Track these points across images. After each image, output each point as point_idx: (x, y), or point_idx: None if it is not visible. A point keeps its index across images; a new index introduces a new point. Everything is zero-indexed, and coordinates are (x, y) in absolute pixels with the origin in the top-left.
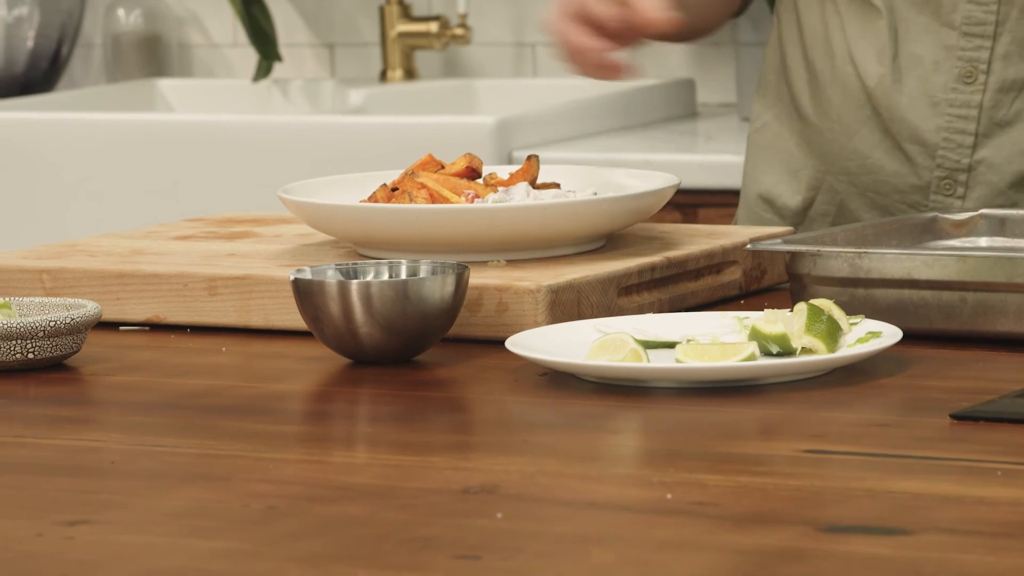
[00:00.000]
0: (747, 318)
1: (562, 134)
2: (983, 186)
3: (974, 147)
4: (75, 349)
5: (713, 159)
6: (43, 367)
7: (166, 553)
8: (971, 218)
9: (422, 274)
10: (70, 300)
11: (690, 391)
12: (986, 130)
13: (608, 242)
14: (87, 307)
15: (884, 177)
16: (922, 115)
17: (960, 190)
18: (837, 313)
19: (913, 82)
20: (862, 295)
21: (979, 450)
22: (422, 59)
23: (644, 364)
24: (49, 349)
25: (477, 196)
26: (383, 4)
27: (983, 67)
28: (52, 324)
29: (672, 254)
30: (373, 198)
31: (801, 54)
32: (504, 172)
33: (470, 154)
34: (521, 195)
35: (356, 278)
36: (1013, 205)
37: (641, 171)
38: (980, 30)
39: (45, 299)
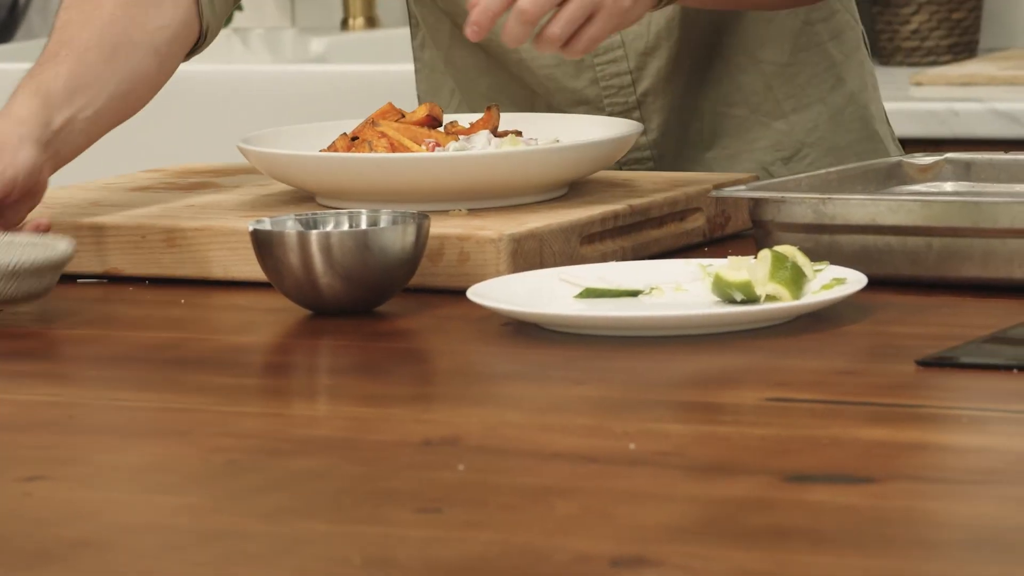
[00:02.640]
0: (711, 265)
1: None
2: (659, 113)
3: (634, 84)
4: (47, 288)
5: None
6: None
7: (126, 509)
8: (936, 163)
9: (383, 224)
10: (36, 238)
11: (653, 340)
12: (639, 64)
13: (571, 190)
14: (58, 246)
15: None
16: (571, 74)
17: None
18: (801, 260)
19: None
20: (827, 241)
21: (945, 397)
22: (384, 6)
23: (606, 313)
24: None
25: (438, 145)
26: None
27: None
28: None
29: (635, 201)
30: (333, 147)
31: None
32: (465, 121)
33: (430, 102)
34: (482, 143)
35: (316, 228)
36: (696, 113)
37: (604, 118)
38: None
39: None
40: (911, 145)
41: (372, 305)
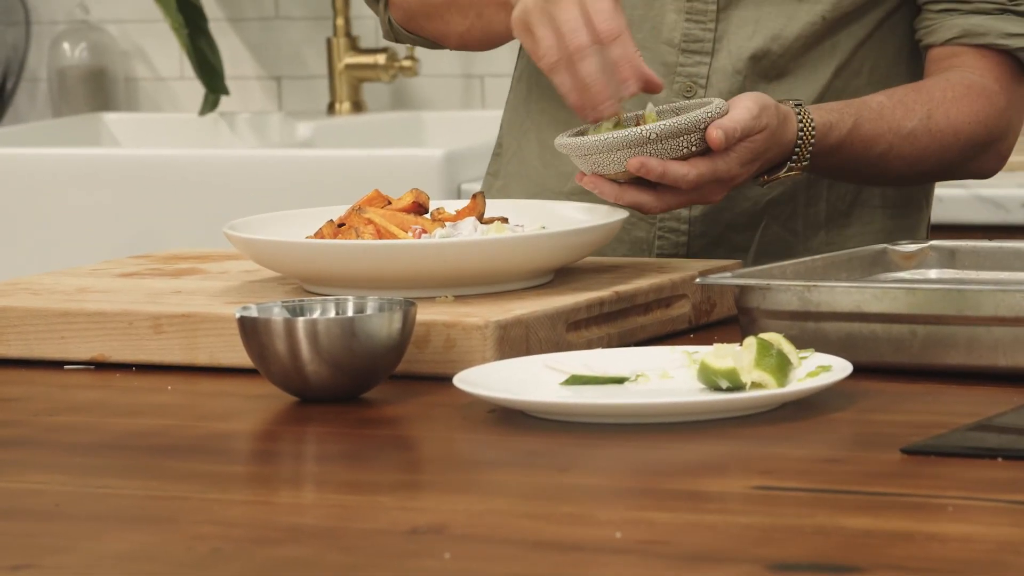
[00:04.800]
0: (696, 352)
1: None
2: None
3: None
4: None
5: None
6: None
7: None
8: (921, 250)
9: (369, 311)
10: None
11: (639, 427)
12: None
13: (556, 276)
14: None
15: None
16: None
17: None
18: (787, 347)
19: (635, 98)
20: (812, 328)
21: (930, 485)
22: (370, 91)
23: (592, 400)
24: None
25: (424, 231)
26: (330, 36)
27: (702, 81)
28: None
29: (621, 288)
30: (319, 234)
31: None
32: (452, 207)
33: (417, 189)
34: (468, 230)
35: (302, 315)
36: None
37: (589, 204)
38: (699, 47)
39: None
40: None
41: (358, 392)
